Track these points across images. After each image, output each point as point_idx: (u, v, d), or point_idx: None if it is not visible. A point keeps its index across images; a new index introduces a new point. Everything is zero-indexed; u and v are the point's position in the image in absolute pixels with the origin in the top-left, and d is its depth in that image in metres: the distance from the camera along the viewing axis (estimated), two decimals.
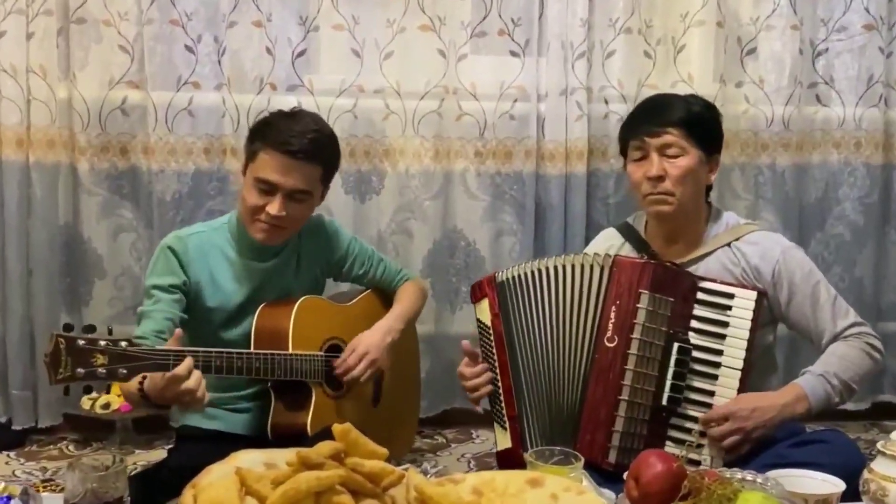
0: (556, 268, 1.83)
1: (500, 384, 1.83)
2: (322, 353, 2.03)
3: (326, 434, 1.78)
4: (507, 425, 1.81)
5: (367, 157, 2.80)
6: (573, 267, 1.82)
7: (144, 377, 1.74)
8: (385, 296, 2.28)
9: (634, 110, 2.00)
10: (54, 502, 1.28)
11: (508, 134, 2.81)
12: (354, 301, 2.21)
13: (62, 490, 1.34)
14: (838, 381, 1.78)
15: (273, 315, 1.99)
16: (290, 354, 1.95)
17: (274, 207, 1.93)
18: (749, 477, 1.31)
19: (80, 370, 1.59)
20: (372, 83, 2.75)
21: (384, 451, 1.11)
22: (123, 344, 1.64)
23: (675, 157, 1.85)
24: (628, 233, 2.01)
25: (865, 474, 1.43)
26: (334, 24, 2.73)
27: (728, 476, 1.25)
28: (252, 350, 1.93)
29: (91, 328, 1.67)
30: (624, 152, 1.95)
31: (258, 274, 2.04)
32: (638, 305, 1.76)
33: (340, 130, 2.74)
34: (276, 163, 1.92)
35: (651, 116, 1.88)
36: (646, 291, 1.76)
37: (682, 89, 2.83)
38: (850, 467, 1.46)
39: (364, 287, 2.28)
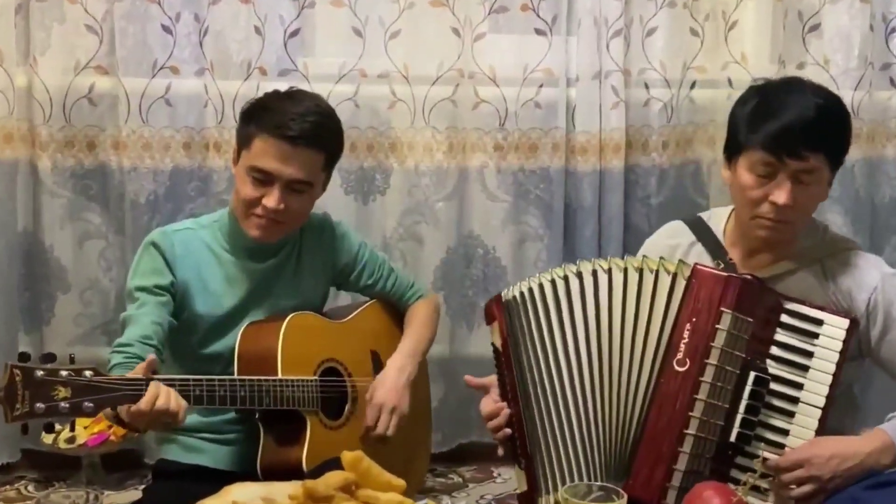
0: (594, 272, 1.83)
1: (514, 421, 1.82)
2: (317, 378, 2.05)
3: (325, 470, 1.83)
4: (522, 465, 1.81)
5: (371, 152, 2.83)
6: (625, 272, 1.82)
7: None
8: (390, 309, 2.31)
9: (767, 108, 1.85)
10: None
11: (533, 124, 2.84)
12: (353, 316, 2.23)
13: None
14: None
15: (259, 335, 2.01)
16: (280, 380, 1.96)
17: (271, 200, 1.96)
18: None
19: (40, 405, 1.62)
20: (376, 67, 2.78)
21: (401, 482, 1.14)
22: (88, 374, 1.66)
23: (809, 183, 1.82)
24: (701, 232, 1.99)
25: None
26: (332, 0, 2.76)
27: None
28: (236, 376, 1.94)
29: (51, 357, 1.69)
30: (737, 148, 1.87)
31: (253, 276, 2.07)
32: (718, 326, 1.76)
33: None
34: (273, 150, 1.95)
35: (797, 132, 1.79)
36: (728, 311, 1.76)
37: (734, 72, 2.87)
38: None
39: (366, 299, 2.30)
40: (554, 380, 1.82)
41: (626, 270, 1.83)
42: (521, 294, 1.85)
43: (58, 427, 2.66)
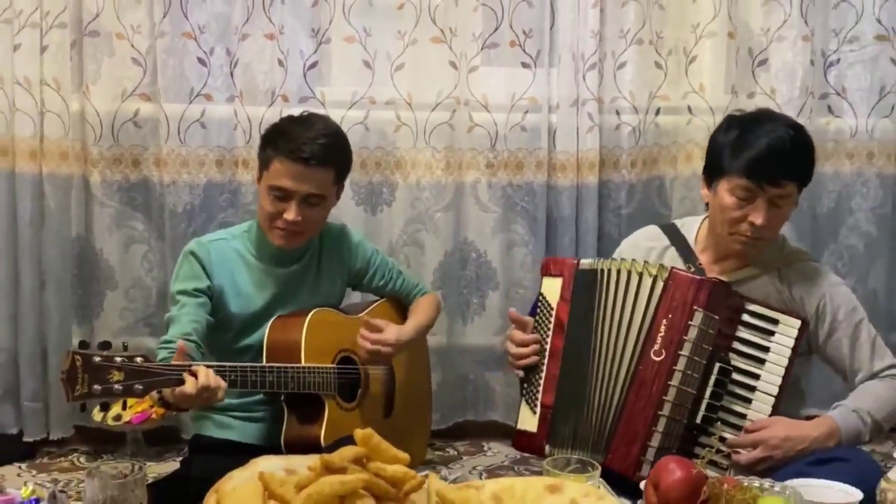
0: (619, 271, 1.83)
1: (543, 367, 1.83)
2: (334, 366, 2.05)
3: (340, 445, 1.82)
4: (537, 409, 1.81)
5: (379, 169, 2.82)
6: (629, 273, 1.82)
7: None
8: (399, 306, 2.30)
9: (748, 138, 1.82)
10: None
11: (520, 145, 2.83)
12: (366, 312, 2.23)
13: (76, 500, 1.35)
14: (871, 419, 1.78)
15: (285, 328, 2.01)
16: (303, 367, 1.96)
17: (290, 213, 1.96)
18: (767, 485, 1.32)
19: (97, 387, 1.62)
20: (383, 95, 2.78)
21: (406, 456, 1.13)
22: (139, 360, 1.66)
23: (782, 206, 1.82)
24: (675, 238, 1.98)
25: (883, 484, 1.44)
26: (346, 36, 2.76)
27: (747, 483, 1.27)
28: (265, 363, 1.94)
29: (106, 344, 1.69)
30: (719, 172, 1.84)
31: (279, 279, 2.07)
32: (690, 322, 1.76)
33: (352, 142, 2.73)
34: (288, 170, 1.95)
35: (777, 164, 1.78)
36: (700, 309, 1.76)
37: (693, 101, 2.86)
38: (870, 483, 1.46)
39: (377, 298, 2.30)
40: (579, 350, 1.82)
41: (619, 271, 1.83)
42: (600, 271, 1.84)
43: (108, 399, 2.67)
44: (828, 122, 2.93)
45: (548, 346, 1.84)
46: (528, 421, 1.83)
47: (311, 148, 1.95)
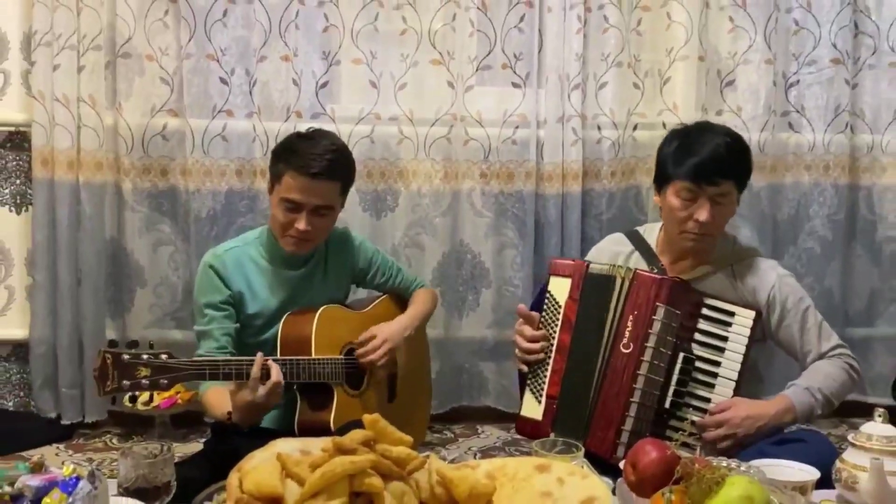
0: (600, 274, 1.84)
1: (550, 361, 1.83)
2: (342, 357, 2.05)
3: (348, 429, 1.83)
4: (542, 399, 1.82)
5: (383, 178, 2.83)
6: (602, 276, 1.84)
7: (230, 413, 1.81)
8: (400, 300, 2.30)
9: (687, 147, 1.87)
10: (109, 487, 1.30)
11: (511, 157, 2.84)
12: (371, 307, 2.23)
13: (109, 478, 1.36)
14: (822, 395, 1.81)
15: (297, 323, 2.01)
16: (314, 359, 1.96)
17: (301, 224, 1.96)
18: (734, 465, 1.33)
19: (126, 382, 1.63)
20: (387, 111, 2.78)
21: (409, 438, 1.14)
22: (164, 357, 1.68)
23: (723, 203, 1.84)
24: (638, 243, 2.00)
25: (838, 464, 1.45)
26: (354, 59, 2.77)
27: (716, 463, 1.27)
28: (279, 356, 1.94)
29: (134, 343, 1.70)
30: (665, 179, 1.88)
31: (290, 281, 2.07)
32: (654, 317, 1.77)
33: (359, 154, 2.78)
34: (299, 184, 1.94)
35: (712, 165, 1.81)
36: (662, 305, 1.78)
37: (667, 117, 2.87)
38: (826, 462, 1.48)
39: (380, 293, 2.30)
40: (580, 346, 1.83)
41: (602, 276, 1.84)
42: (598, 274, 1.85)
43: (136, 392, 2.67)
44: (788, 137, 2.93)
45: (555, 342, 1.84)
46: (533, 410, 1.83)
47: (319, 163, 1.94)
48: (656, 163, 1.94)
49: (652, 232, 2.02)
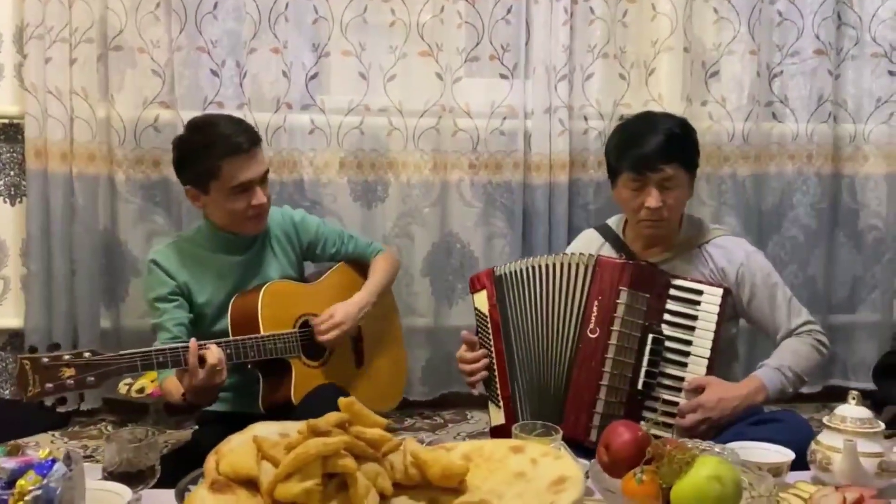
0: (546, 266, 1.84)
1: (495, 367, 1.83)
2: (296, 331, 2.00)
3: (313, 399, 1.74)
4: (500, 404, 1.82)
5: (373, 169, 2.82)
6: (561, 265, 1.83)
7: (184, 395, 1.79)
8: (357, 266, 2.25)
9: (626, 139, 1.88)
10: (93, 471, 1.30)
11: (499, 148, 2.83)
12: (323, 277, 2.17)
13: (99, 462, 1.36)
14: (792, 373, 1.81)
15: (243, 304, 1.96)
16: (261, 336, 1.91)
17: (259, 197, 1.92)
18: (706, 446, 1.33)
19: (49, 385, 1.59)
20: (377, 103, 2.77)
21: (384, 420, 1.13)
22: (87, 355, 1.64)
23: (672, 188, 1.84)
24: (607, 234, 2.01)
25: (813, 445, 1.46)
26: (343, 51, 2.75)
27: (688, 444, 1.27)
28: (222, 339, 1.86)
29: (56, 346, 1.67)
30: (613, 173, 1.90)
31: (236, 266, 2.02)
32: (618, 301, 1.77)
33: (349, 145, 2.78)
34: (240, 164, 1.89)
35: (650, 153, 1.81)
36: (625, 288, 1.77)
37: (653, 108, 2.84)
38: (803, 443, 1.48)
39: (333, 264, 2.24)
40: (523, 341, 1.82)
41: (561, 265, 1.83)
42: (509, 273, 1.86)
43: (129, 380, 2.66)
44: (772, 127, 2.93)
45: (493, 350, 1.84)
46: (496, 417, 1.83)
47: (244, 137, 1.90)
48: (606, 158, 1.96)
49: (621, 222, 2.02)
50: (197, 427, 2.15)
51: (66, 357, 1.61)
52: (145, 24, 2.65)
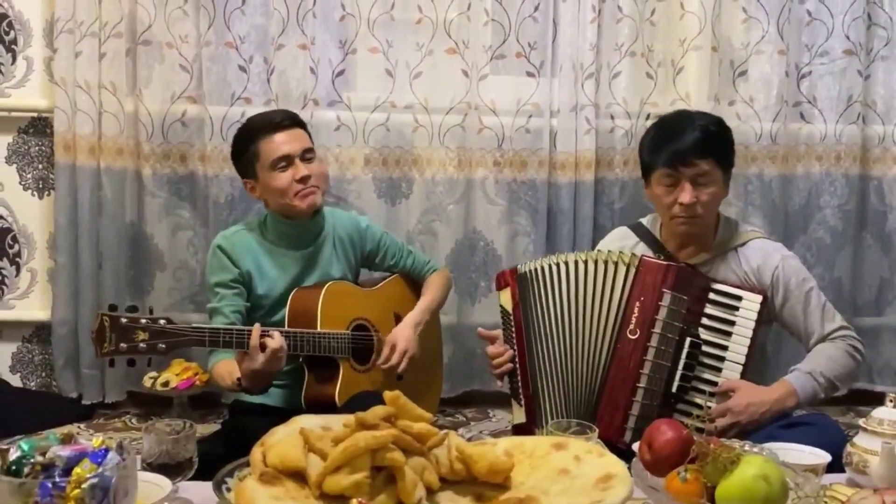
0: (576, 262, 1.83)
1: (517, 365, 1.84)
2: (349, 332, 2.03)
3: (355, 403, 1.82)
4: (522, 402, 1.82)
5: (398, 166, 2.82)
6: (596, 262, 1.82)
7: (239, 379, 1.81)
8: (410, 281, 2.29)
9: (661, 135, 1.89)
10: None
11: (524, 146, 2.83)
12: (380, 285, 2.21)
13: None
14: (824, 379, 1.79)
15: (304, 298, 2.00)
16: (318, 333, 1.95)
17: (300, 171, 1.97)
18: (748, 446, 1.33)
19: (123, 345, 1.63)
20: (403, 100, 2.78)
21: (429, 415, 1.14)
22: (162, 322, 1.68)
23: (706, 185, 1.83)
24: (642, 233, 1.99)
25: (849, 448, 1.45)
26: (370, 48, 2.76)
27: (734, 444, 1.27)
28: (285, 329, 1.91)
29: (134, 308, 1.69)
30: (647, 170, 1.90)
31: (298, 260, 2.06)
32: (660, 303, 1.76)
33: (374, 141, 2.79)
34: (278, 141, 1.97)
35: (685, 147, 1.81)
36: (668, 291, 1.77)
37: (680, 107, 2.83)
38: (834, 447, 1.47)
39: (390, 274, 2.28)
40: (548, 339, 1.82)
41: (597, 262, 1.83)
42: (532, 271, 1.86)
43: (154, 374, 2.68)
44: (800, 127, 2.91)
45: (516, 348, 1.84)
46: (518, 415, 1.84)
47: (279, 116, 2.01)
48: (639, 157, 1.95)
49: (656, 222, 2.01)
50: (226, 417, 2.16)
51: (143, 321, 1.65)
52: (174, 20, 2.66)
